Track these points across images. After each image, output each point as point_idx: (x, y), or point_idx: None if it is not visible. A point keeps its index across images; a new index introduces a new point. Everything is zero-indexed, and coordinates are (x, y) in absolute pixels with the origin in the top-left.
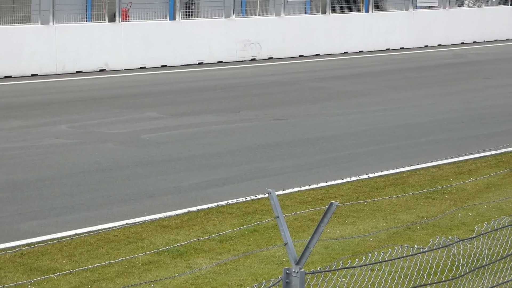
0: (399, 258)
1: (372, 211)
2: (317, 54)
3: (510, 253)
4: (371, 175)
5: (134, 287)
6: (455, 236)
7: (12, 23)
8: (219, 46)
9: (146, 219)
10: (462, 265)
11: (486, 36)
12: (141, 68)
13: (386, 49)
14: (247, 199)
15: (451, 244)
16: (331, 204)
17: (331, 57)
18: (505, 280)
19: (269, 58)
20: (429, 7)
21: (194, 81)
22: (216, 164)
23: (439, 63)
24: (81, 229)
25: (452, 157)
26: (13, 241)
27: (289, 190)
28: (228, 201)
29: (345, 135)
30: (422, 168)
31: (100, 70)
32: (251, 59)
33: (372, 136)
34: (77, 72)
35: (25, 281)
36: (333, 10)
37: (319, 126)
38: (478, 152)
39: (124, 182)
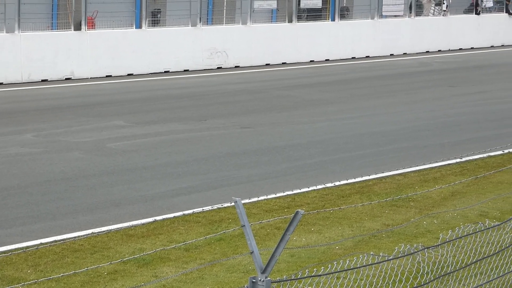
0: (365, 266)
1: (338, 219)
2: (283, 63)
3: (474, 260)
4: (337, 183)
5: None
6: (420, 244)
7: None
8: (186, 54)
9: (112, 228)
10: (427, 273)
11: (451, 44)
12: (107, 76)
13: (352, 58)
14: (213, 207)
15: (416, 252)
16: (297, 212)
17: (298, 65)
18: None
19: (236, 67)
20: (395, 16)
21: (160, 89)
22: (182, 173)
23: (405, 71)
24: (46, 239)
25: (417, 165)
26: None
27: (255, 199)
28: (194, 209)
29: (312, 143)
30: (387, 176)
31: (66, 79)
32: (218, 68)
33: (338, 144)
34: (42, 80)
35: None
36: (299, 19)
37: (285, 135)
38: (443, 160)
39: (90, 191)
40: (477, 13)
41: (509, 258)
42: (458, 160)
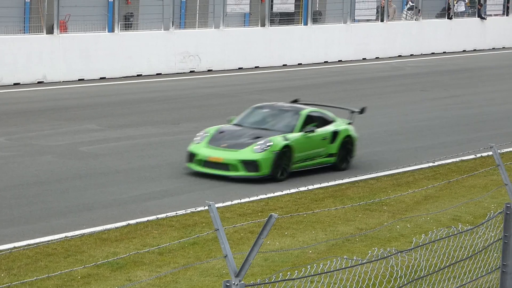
0: (338, 270)
1: (311, 223)
2: (256, 67)
3: (447, 264)
4: (310, 187)
5: None
6: (394, 248)
7: None
8: (158, 58)
9: (85, 232)
10: (401, 277)
11: (423, 49)
12: (79, 80)
13: (325, 62)
14: (187, 211)
15: (390, 256)
16: (271, 216)
17: (270, 69)
18: None
19: (209, 70)
20: (367, 20)
21: (133, 93)
22: (155, 176)
23: (377, 75)
24: (19, 242)
25: (390, 169)
26: None
27: (229, 203)
28: (167, 213)
29: None
30: (360, 180)
31: (38, 82)
32: (191, 71)
33: None
34: (14, 84)
35: None
36: (272, 23)
37: None
38: (416, 164)
39: (62, 194)
40: (449, 18)
41: (482, 262)
42: (430, 164)
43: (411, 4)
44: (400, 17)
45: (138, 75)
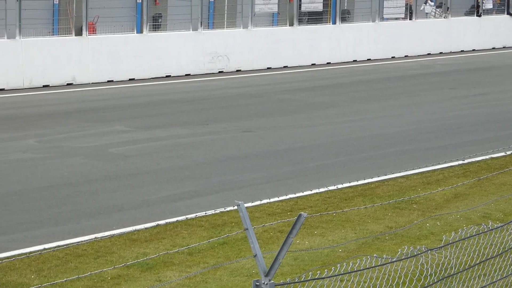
0: (368, 268)
1: (341, 222)
2: (285, 66)
3: (477, 262)
4: (340, 186)
5: None
6: (423, 246)
7: None
8: (187, 58)
9: (115, 233)
10: (431, 275)
11: (453, 47)
12: (108, 81)
13: (354, 61)
14: (216, 211)
15: (420, 254)
16: (300, 215)
17: (299, 69)
18: None
19: (237, 71)
20: (396, 19)
21: (162, 94)
22: (184, 177)
23: (406, 74)
24: (49, 244)
25: (419, 167)
26: None
27: (258, 202)
28: (197, 213)
29: (313, 146)
30: (390, 179)
31: (68, 84)
32: (219, 72)
33: (340, 147)
34: (44, 86)
35: None
36: (300, 22)
37: (287, 138)
38: (445, 162)
39: (92, 196)
40: (478, 15)
41: None
42: (460, 162)
43: (431, 2)
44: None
45: (167, 76)
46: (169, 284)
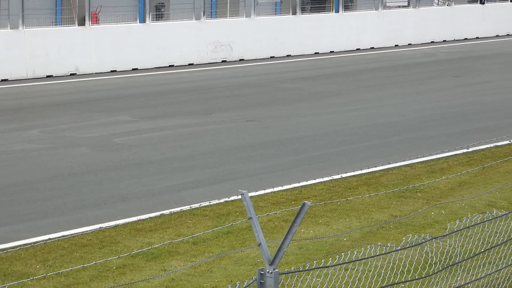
0: (373, 257)
1: (345, 211)
2: (288, 55)
3: (482, 250)
4: (344, 175)
5: None
6: (428, 234)
7: None
8: (190, 48)
9: (120, 222)
10: (435, 263)
11: (456, 34)
12: (111, 71)
13: (357, 49)
14: (220, 201)
15: (424, 242)
16: (304, 204)
17: (302, 57)
18: (478, 277)
19: (240, 60)
20: (399, 7)
21: (165, 83)
22: (188, 167)
23: (410, 62)
24: (54, 234)
25: (424, 156)
26: None
27: (262, 191)
28: (201, 203)
29: (317, 135)
30: (394, 167)
31: (71, 74)
32: (222, 61)
33: (344, 136)
34: (47, 76)
35: None
36: (303, 10)
37: (291, 127)
38: (449, 151)
39: (97, 186)
40: (482, 2)
41: None
42: (465, 150)
43: None
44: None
45: (170, 66)
46: (174, 273)
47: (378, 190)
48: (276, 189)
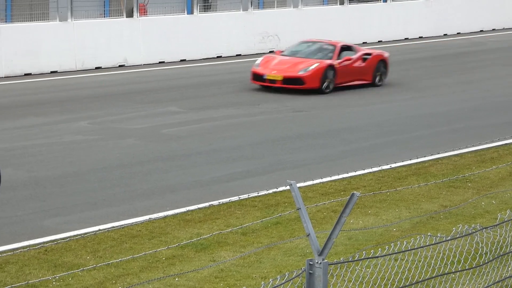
0: (422, 247)
1: (394, 201)
2: None
3: None
4: (393, 165)
5: (159, 281)
6: (478, 224)
7: (30, 21)
8: (238, 39)
9: (169, 213)
10: (486, 253)
11: (506, 23)
12: (160, 62)
13: (405, 39)
14: (269, 191)
15: (474, 232)
16: (353, 194)
17: None
18: None
19: None
20: None
21: (213, 74)
22: (237, 157)
23: (459, 51)
24: (104, 225)
25: (473, 146)
26: (37, 238)
27: (310, 182)
28: (250, 194)
29: (366, 125)
30: (444, 157)
31: (119, 66)
32: (270, 52)
33: (393, 126)
34: (96, 68)
35: (50, 277)
36: (350, 0)
37: (340, 117)
38: (499, 140)
39: (145, 177)
40: None
41: None
42: None
43: None
44: None
45: (217, 57)
46: (223, 264)
47: (427, 180)
48: (324, 179)
